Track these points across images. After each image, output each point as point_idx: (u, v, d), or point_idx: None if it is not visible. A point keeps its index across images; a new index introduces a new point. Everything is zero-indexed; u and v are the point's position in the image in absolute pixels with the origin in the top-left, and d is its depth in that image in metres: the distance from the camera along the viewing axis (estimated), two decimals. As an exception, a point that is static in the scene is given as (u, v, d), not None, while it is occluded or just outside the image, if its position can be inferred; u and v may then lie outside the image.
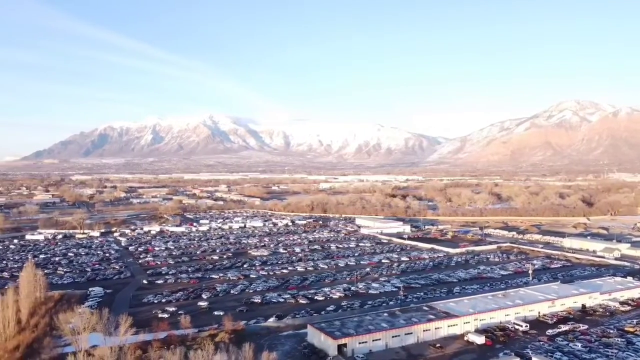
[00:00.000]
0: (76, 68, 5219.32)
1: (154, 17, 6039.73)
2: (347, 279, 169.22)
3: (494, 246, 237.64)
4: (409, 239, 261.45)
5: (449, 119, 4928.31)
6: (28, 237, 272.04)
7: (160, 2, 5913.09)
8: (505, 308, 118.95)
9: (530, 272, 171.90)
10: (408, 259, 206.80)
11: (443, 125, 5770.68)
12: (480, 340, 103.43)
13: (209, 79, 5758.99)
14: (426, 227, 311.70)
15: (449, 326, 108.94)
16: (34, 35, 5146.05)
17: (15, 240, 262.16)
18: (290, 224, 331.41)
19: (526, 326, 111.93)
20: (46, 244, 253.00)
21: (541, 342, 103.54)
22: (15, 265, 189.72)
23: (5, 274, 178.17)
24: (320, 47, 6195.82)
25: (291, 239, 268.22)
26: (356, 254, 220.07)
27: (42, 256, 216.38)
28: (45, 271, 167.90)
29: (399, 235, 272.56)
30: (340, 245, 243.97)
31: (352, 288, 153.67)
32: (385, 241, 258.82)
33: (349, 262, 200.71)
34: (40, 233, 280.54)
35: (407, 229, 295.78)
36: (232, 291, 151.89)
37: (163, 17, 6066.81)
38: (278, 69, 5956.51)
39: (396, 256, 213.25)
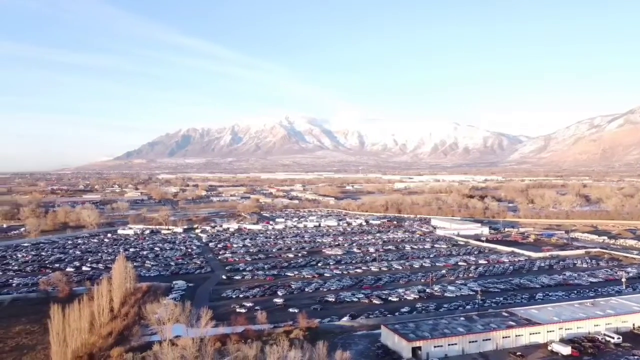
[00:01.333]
0: (162, 73, 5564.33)
1: (233, 21, 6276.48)
2: (422, 280, 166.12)
3: (581, 251, 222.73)
4: (487, 241, 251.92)
5: (531, 116, 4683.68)
6: (120, 231, 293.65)
7: (239, 8, 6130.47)
8: (594, 318, 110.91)
9: (623, 280, 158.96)
10: (486, 262, 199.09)
11: (524, 123, 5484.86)
12: (566, 350, 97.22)
13: (285, 80, 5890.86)
14: (506, 229, 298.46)
15: (530, 334, 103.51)
16: (129, 44, 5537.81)
17: (109, 235, 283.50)
18: (364, 223, 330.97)
19: (619, 338, 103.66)
20: (135, 239, 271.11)
21: (636, 357, 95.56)
22: (109, 258, 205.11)
23: (100, 266, 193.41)
24: (394, 44, 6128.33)
25: (365, 238, 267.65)
26: (431, 256, 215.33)
27: (131, 250, 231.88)
28: (135, 264, 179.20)
29: (477, 237, 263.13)
30: (415, 246, 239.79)
31: (427, 290, 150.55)
32: (462, 243, 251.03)
33: (423, 264, 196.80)
34: (130, 228, 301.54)
35: (485, 231, 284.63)
36: (306, 289, 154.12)
37: (241, 21, 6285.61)
38: (352, 68, 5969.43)
39: (473, 259, 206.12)
